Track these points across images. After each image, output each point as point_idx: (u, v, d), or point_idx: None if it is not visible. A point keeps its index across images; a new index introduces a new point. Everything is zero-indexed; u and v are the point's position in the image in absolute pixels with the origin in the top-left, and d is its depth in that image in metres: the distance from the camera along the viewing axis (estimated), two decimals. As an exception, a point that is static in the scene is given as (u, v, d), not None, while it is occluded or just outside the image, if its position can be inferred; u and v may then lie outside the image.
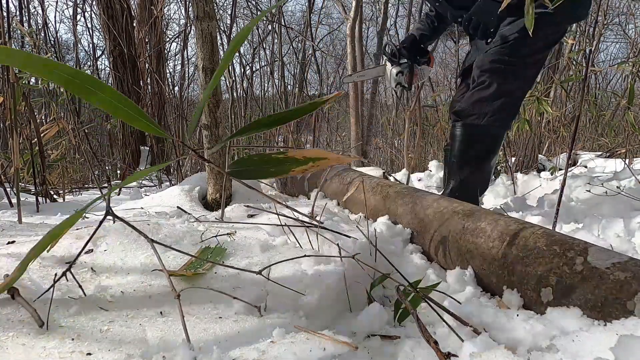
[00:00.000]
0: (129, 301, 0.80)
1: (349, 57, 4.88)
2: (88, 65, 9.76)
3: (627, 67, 3.34)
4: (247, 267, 0.93)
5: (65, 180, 3.42)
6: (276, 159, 0.78)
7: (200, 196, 2.07)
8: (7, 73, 2.04)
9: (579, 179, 2.05)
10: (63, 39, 14.52)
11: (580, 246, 0.81)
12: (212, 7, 1.85)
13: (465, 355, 0.65)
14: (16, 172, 1.78)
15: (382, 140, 7.99)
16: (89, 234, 0.91)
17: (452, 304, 0.85)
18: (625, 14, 9.65)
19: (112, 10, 5.50)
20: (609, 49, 25.12)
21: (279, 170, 0.79)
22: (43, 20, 5.58)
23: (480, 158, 1.85)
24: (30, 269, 0.87)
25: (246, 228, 1.27)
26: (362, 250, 1.04)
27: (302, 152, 0.77)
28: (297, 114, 0.82)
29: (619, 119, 5.73)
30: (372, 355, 0.72)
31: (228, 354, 0.66)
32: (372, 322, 0.82)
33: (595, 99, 4.03)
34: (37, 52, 3.18)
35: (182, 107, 6.20)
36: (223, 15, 10.18)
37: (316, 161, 0.77)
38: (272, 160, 0.78)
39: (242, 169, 0.80)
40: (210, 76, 1.82)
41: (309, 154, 0.77)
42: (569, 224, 1.68)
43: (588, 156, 4.50)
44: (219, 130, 1.90)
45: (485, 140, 1.83)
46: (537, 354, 0.63)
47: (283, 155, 0.78)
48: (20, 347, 0.63)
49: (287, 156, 0.77)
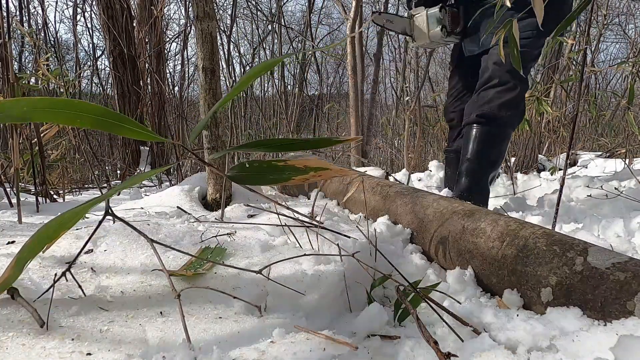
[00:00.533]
0: (129, 301, 0.80)
1: (348, 57, 4.88)
2: (88, 65, 9.75)
3: (627, 67, 3.33)
4: (247, 267, 0.93)
5: (65, 180, 3.42)
6: (276, 167, 0.78)
7: (200, 196, 2.07)
8: (7, 73, 2.04)
9: (579, 179, 2.05)
10: (63, 39, 14.51)
11: (580, 246, 0.81)
12: (212, 7, 1.85)
13: (465, 355, 0.65)
14: (16, 172, 1.78)
15: (382, 140, 7.99)
16: (89, 234, 0.91)
17: (452, 304, 0.85)
18: (625, 14, 9.65)
19: (112, 10, 5.50)
20: (609, 49, 25.12)
21: (279, 178, 0.78)
22: (43, 20, 5.58)
23: (499, 159, 1.87)
24: (30, 269, 0.87)
25: (246, 228, 1.27)
26: (362, 250, 1.04)
27: (303, 161, 0.77)
28: (308, 145, 0.82)
29: (619, 119, 5.73)
30: (372, 355, 0.72)
31: (228, 354, 0.66)
32: (372, 322, 0.82)
33: (595, 99, 4.03)
34: (37, 52, 3.18)
35: (182, 107, 6.20)
36: (223, 15, 10.18)
37: (318, 171, 0.77)
38: (272, 167, 0.78)
39: (242, 174, 0.80)
40: (211, 76, 1.83)
41: (311, 164, 0.77)
42: (569, 224, 1.68)
43: (588, 156, 4.50)
44: (219, 130, 1.90)
45: (505, 141, 1.87)
46: (537, 354, 0.64)
47: (283, 162, 0.78)
48: (20, 347, 0.63)
49: (288, 164, 0.77)
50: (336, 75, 12.82)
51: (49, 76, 2.65)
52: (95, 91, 9.26)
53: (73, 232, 1.07)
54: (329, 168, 0.77)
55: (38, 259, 0.92)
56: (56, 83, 2.81)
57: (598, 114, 4.62)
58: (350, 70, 4.87)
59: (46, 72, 2.67)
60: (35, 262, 0.90)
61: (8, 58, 2.00)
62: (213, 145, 1.90)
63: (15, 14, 5.70)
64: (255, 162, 0.79)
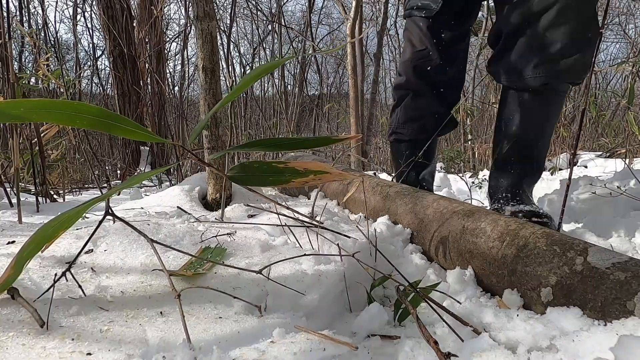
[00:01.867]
0: (129, 301, 0.80)
1: (349, 57, 4.88)
2: (88, 65, 9.75)
3: (627, 67, 3.33)
4: (247, 267, 0.93)
5: (65, 180, 3.43)
6: (276, 168, 0.78)
7: (200, 196, 2.07)
8: (8, 73, 2.04)
9: (580, 179, 2.05)
10: (63, 39, 14.52)
11: (580, 246, 0.81)
12: (212, 7, 1.85)
13: (465, 355, 0.65)
14: (16, 172, 1.78)
15: (382, 140, 7.99)
16: (89, 233, 0.91)
17: (452, 304, 0.85)
18: (625, 14, 9.65)
19: (112, 10, 5.50)
20: (609, 49, 25.09)
21: (278, 179, 0.78)
22: (43, 20, 5.57)
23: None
24: (30, 269, 0.87)
25: (246, 228, 1.27)
26: (362, 250, 1.04)
27: (303, 164, 0.77)
28: (312, 144, 0.82)
29: (619, 119, 5.73)
30: (372, 355, 0.72)
31: (228, 354, 0.66)
32: (372, 322, 0.82)
33: (595, 98, 4.03)
34: (37, 52, 3.18)
35: (182, 107, 6.20)
36: (223, 15, 10.18)
37: (317, 174, 0.77)
38: (272, 168, 0.78)
39: (242, 175, 0.80)
40: (211, 76, 1.83)
41: (311, 167, 0.77)
42: (569, 223, 1.68)
43: (588, 156, 4.50)
44: (218, 130, 1.90)
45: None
46: (537, 354, 0.63)
47: (283, 164, 0.78)
48: (20, 347, 0.63)
49: (288, 166, 0.77)
50: (336, 75, 12.84)
51: (49, 76, 2.65)
52: (96, 91, 9.27)
53: (73, 232, 1.08)
54: (328, 172, 0.77)
55: (38, 259, 0.92)
56: (56, 83, 2.81)
57: (598, 114, 4.62)
58: (350, 70, 4.87)
59: (46, 72, 2.67)
60: (36, 262, 0.90)
61: (8, 58, 2.00)
62: (213, 145, 1.90)
63: (15, 14, 5.70)
64: (256, 163, 0.79)
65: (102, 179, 4.55)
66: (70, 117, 0.68)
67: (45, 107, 0.67)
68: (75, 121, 0.69)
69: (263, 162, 0.79)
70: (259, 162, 0.80)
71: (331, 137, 0.81)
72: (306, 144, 0.82)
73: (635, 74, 3.29)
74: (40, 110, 0.67)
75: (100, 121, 0.71)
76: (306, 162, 0.77)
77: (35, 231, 0.68)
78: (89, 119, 0.69)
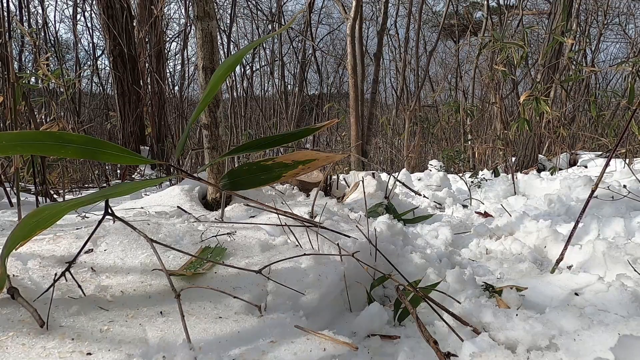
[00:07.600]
0: (129, 301, 0.80)
1: (349, 57, 4.88)
2: (88, 65, 9.75)
3: (627, 67, 3.33)
4: (247, 267, 0.93)
5: (65, 180, 3.42)
6: (265, 166, 0.78)
7: (200, 196, 2.07)
8: (8, 73, 2.04)
9: (580, 179, 2.05)
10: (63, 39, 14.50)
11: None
12: (212, 6, 1.85)
13: (465, 355, 0.65)
14: (16, 171, 1.78)
15: (382, 140, 7.99)
16: (89, 233, 0.91)
17: (452, 304, 0.85)
18: (625, 14, 9.65)
19: (112, 10, 5.50)
20: (609, 49, 25.06)
21: (269, 177, 0.78)
22: (43, 20, 5.57)
23: None
24: (30, 269, 0.87)
25: (246, 228, 1.27)
26: (362, 250, 1.04)
27: (290, 156, 0.77)
28: (293, 138, 0.82)
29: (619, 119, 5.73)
30: (372, 355, 0.72)
31: (228, 354, 0.66)
32: (372, 322, 0.82)
33: (595, 98, 4.03)
34: (37, 52, 3.18)
35: (182, 107, 6.19)
36: (223, 15, 10.18)
37: (306, 163, 0.77)
38: (261, 167, 0.78)
39: (234, 181, 0.80)
40: (211, 75, 1.82)
41: (298, 157, 0.77)
42: (569, 223, 1.68)
43: (588, 156, 4.49)
44: (218, 130, 1.90)
45: None
46: (536, 353, 0.64)
47: (271, 161, 0.78)
48: (20, 347, 0.63)
49: (275, 161, 0.77)
50: (336, 75, 12.82)
51: (49, 76, 2.65)
52: (95, 91, 9.27)
53: (73, 232, 1.07)
54: (316, 158, 0.77)
55: (38, 259, 0.92)
56: (56, 83, 2.81)
57: (598, 114, 4.62)
58: (350, 70, 4.87)
59: (46, 72, 2.66)
60: (36, 262, 0.90)
61: (8, 58, 2.00)
62: (213, 145, 1.90)
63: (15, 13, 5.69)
64: (245, 166, 0.79)
65: (102, 179, 4.54)
66: (53, 148, 0.68)
67: (27, 139, 0.67)
68: (60, 151, 0.68)
69: (252, 163, 0.79)
70: (248, 164, 0.80)
71: (310, 127, 0.81)
72: (287, 138, 0.82)
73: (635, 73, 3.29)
74: (22, 143, 0.67)
75: (86, 149, 0.70)
76: (293, 154, 0.77)
77: (14, 227, 0.68)
78: (74, 147, 0.69)
